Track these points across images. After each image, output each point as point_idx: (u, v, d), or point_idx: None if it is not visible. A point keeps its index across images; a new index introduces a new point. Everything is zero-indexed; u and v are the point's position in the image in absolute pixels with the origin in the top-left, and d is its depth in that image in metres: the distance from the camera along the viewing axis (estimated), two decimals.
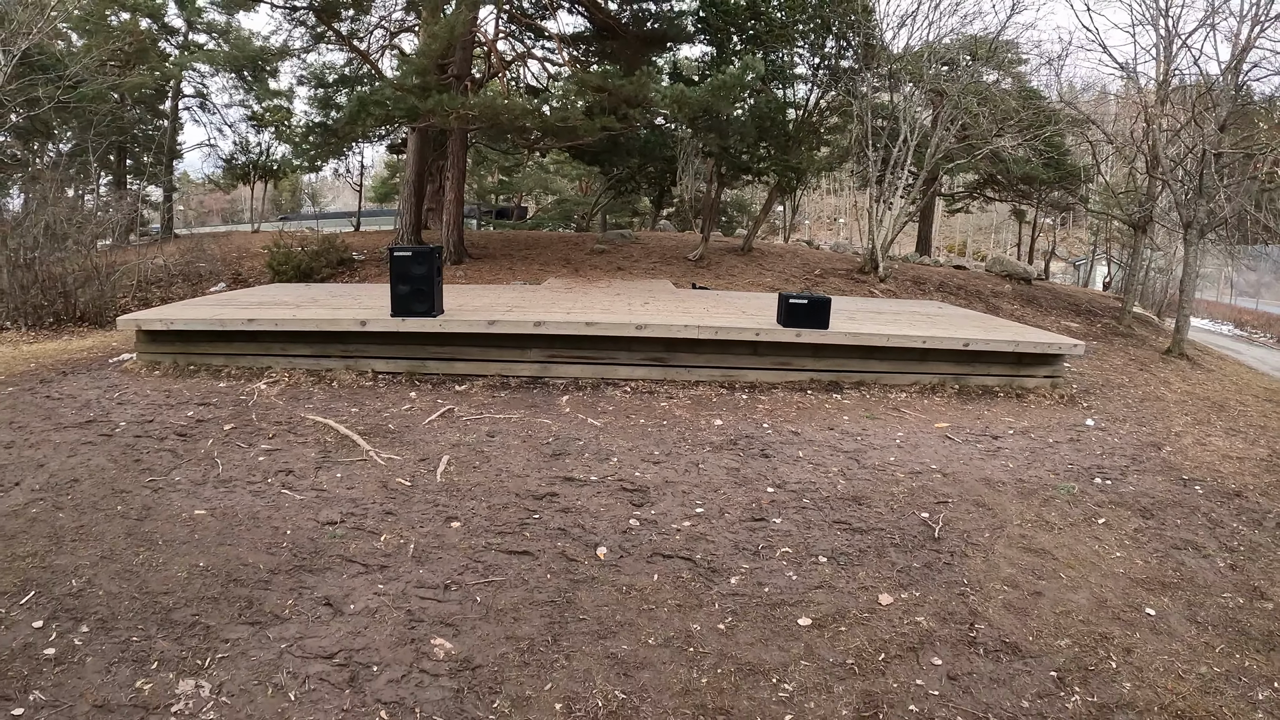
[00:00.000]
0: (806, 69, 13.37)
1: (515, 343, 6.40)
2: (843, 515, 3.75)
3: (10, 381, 6.76)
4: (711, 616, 2.75)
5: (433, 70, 8.40)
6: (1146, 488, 4.81)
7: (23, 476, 4.16)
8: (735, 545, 3.34)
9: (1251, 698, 2.60)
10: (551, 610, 2.75)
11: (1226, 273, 32.12)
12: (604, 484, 4.03)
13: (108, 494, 3.87)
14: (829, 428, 5.33)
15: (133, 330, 7.02)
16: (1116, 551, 3.74)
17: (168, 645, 2.53)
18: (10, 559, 3.19)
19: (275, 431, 4.80)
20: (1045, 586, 3.24)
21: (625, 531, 3.45)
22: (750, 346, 6.42)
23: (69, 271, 10.10)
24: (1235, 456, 5.92)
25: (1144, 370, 10.57)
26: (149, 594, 2.86)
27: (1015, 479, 4.60)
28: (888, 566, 3.24)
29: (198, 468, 4.21)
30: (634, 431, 5.05)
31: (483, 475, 4.08)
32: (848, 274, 12.91)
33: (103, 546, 3.27)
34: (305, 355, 6.41)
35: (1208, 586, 3.48)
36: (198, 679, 2.36)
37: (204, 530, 3.38)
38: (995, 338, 6.87)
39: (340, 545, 3.21)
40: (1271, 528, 4.38)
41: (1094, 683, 2.61)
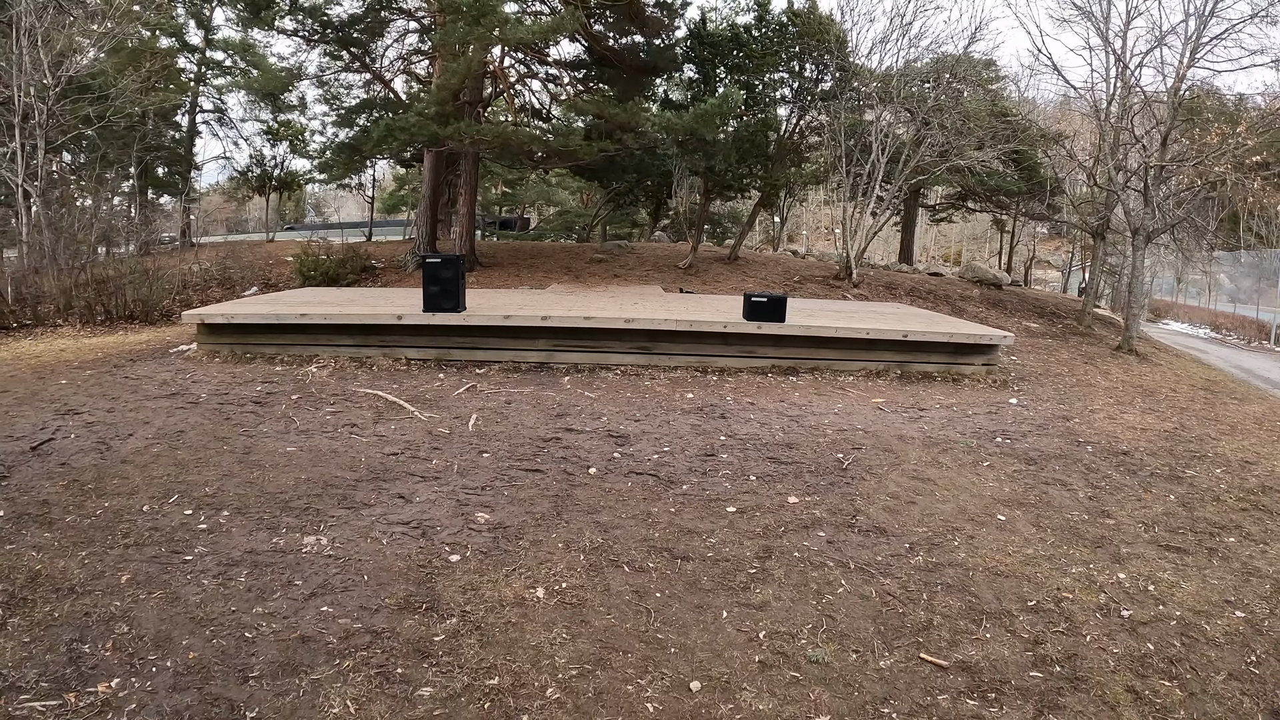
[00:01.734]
0: (788, 91, 14.64)
1: (526, 334, 7.60)
2: (775, 454, 4.93)
3: (87, 366, 7.99)
4: (666, 505, 3.94)
5: (450, 100, 9.65)
6: (1040, 446, 5.96)
7: (135, 430, 5.34)
8: (689, 468, 4.53)
9: (1063, 570, 3.70)
10: (555, 500, 3.94)
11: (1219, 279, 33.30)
12: (596, 433, 5.22)
13: (211, 440, 5.06)
14: (780, 400, 6.51)
15: (194, 324, 8.23)
16: (990, 483, 4.89)
17: (290, 519, 3.71)
18: (150, 479, 4.37)
19: (334, 400, 5.99)
20: (919, 500, 4.41)
21: (610, 459, 4.64)
22: (720, 337, 7.61)
23: (123, 274, 11.33)
24: (1140, 428, 7.03)
25: (1089, 363, 11.66)
26: (268, 494, 4.04)
27: (925, 436, 5.78)
28: (800, 483, 4.42)
29: (278, 423, 5.40)
30: (621, 401, 6.25)
31: (503, 427, 5.28)
32: (824, 280, 14.11)
33: (221, 469, 4.45)
34: (348, 345, 7.61)
35: (1060, 508, 4.62)
36: (316, 535, 3.53)
37: (298, 459, 4.57)
38: (933, 329, 8.06)
39: (403, 466, 4.40)
40: (1144, 476, 5.47)
41: (936, 552, 3.76)
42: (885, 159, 13.67)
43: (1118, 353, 12.99)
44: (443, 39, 8.51)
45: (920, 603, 3.14)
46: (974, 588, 3.33)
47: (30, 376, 7.56)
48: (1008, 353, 10.17)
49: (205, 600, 2.95)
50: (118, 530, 3.62)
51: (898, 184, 14.07)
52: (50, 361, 8.71)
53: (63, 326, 11.96)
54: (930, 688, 2.58)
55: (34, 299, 12.30)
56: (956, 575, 3.43)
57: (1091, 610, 3.28)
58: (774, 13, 13.54)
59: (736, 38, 13.13)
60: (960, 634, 2.93)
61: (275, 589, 3.02)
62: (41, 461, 4.67)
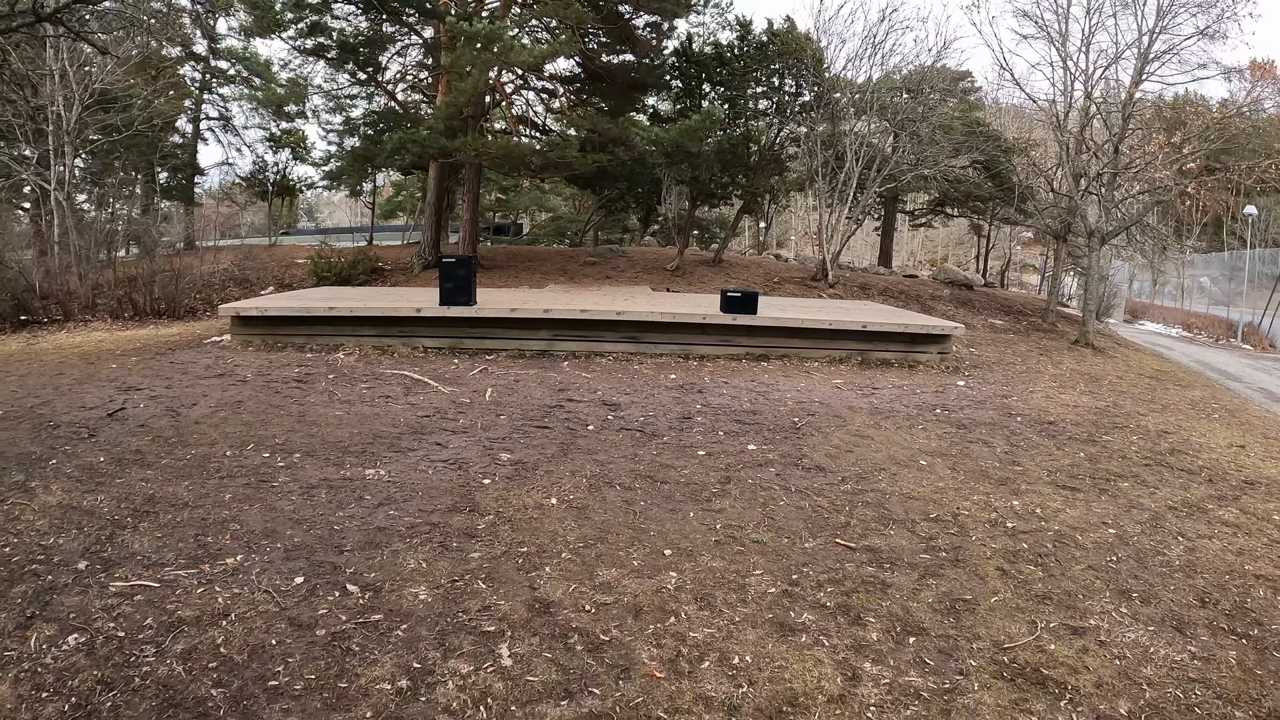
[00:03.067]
0: (768, 104, 15.69)
1: (529, 325, 8.55)
2: (740, 418, 5.91)
3: (130, 354, 8.90)
4: (650, 449, 4.90)
5: (456, 116, 10.62)
6: (974, 416, 6.94)
7: (197, 401, 6.26)
8: (669, 426, 5.50)
9: (966, 497, 4.63)
10: (561, 446, 4.89)
11: (1201, 281, 34.51)
12: (592, 402, 6.19)
13: (268, 407, 5.99)
14: (751, 380, 7.50)
15: (229, 316, 9.15)
16: (920, 440, 5.87)
17: (351, 459, 4.65)
18: (224, 434, 5.29)
19: (366, 378, 6.93)
20: (856, 450, 5.38)
21: (604, 420, 5.60)
22: (700, 328, 8.59)
23: (153, 272, 12.21)
24: (1073, 406, 8.01)
25: (1043, 355, 12.63)
26: (328, 442, 4.98)
27: (872, 407, 6.77)
28: (759, 437, 5.39)
29: (321, 396, 6.33)
30: (614, 380, 7.21)
31: (515, 398, 6.24)
32: (802, 281, 15.14)
33: (284, 427, 5.38)
34: (371, 335, 8.54)
35: (977, 458, 5.58)
36: (375, 469, 4.48)
37: (346, 420, 5.51)
38: (890, 321, 9.06)
39: (435, 424, 5.35)
40: (1062, 439, 6.43)
41: (863, 483, 4.72)
42: (860, 167, 14.73)
43: (1075, 346, 13.97)
44: (453, 63, 9.49)
45: (842, 511, 4.11)
46: (887, 505, 4.30)
47: (79, 362, 8.48)
48: (963, 344, 11.18)
49: (297, 509, 3.88)
50: (209, 468, 4.55)
51: (871, 191, 15.13)
52: (92, 350, 9.63)
53: (93, 321, 12.84)
54: (841, 560, 3.54)
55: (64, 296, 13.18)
56: (875, 497, 4.40)
57: (981, 522, 4.24)
58: (755, 32, 14.59)
59: (720, 56, 14.18)
60: (870, 530, 3.90)
61: (350, 501, 3.96)
62: (120, 425, 5.58)
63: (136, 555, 3.37)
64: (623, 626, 2.77)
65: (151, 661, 2.56)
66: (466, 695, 2.35)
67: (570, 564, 3.27)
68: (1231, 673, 2.87)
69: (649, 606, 2.92)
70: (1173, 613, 3.33)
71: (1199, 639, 3.11)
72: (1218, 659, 2.96)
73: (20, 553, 3.42)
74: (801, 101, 15.09)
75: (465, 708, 2.29)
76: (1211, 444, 6.67)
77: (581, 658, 2.57)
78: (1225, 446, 6.63)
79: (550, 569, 3.21)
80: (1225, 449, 6.51)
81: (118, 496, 4.06)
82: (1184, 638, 3.11)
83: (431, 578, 3.10)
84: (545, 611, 2.86)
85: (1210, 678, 2.82)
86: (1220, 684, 2.78)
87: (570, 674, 2.48)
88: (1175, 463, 5.95)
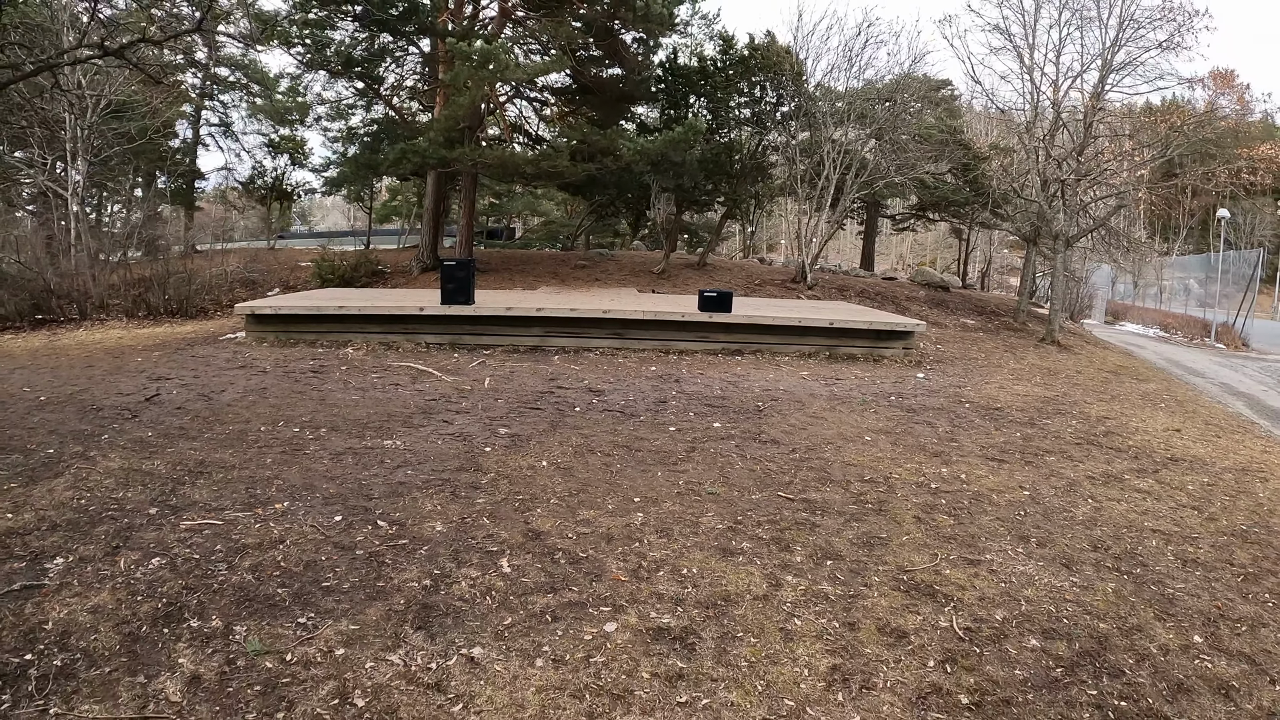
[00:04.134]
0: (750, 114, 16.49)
1: (523, 323, 9.29)
2: (710, 402, 6.67)
3: (151, 349, 9.58)
4: (628, 426, 5.66)
5: (454, 129, 11.36)
6: (925, 402, 7.69)
7: (224, 388, 6.97)
8: (646, 408, 6.25)
9: (900, 465, 5.38)
10: (551, 423, 5.64)
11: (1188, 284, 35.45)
12: (579, 389, 6.93)
13: (290, 393, 6.70)
14: (724, 372, 8.25)
15: (244, 315, 9.85)
16: (869, 421, 6.62)
17: (371, 433, 5.38)
18: (255, 414, 5.99)
19: (375, 370, 7.66)
20: (810, 429, 6.13)
21: (589, 404, 6.35)
22: (679, 325, 9.35)
23: (167, 273, 12.90)
24: (1023, 395, 8.73)
25: (1008, 351, 13.34)
26: (349, 420, 5.70)
27: (831, 394, 7.53)
28: (725, 418, 6.15)
29: (337, 383, 7.05)
30: (599, 371, 7.96)
31: (511, 385, 6.98)
32: (782, 283, 15.92)
33: (307, 408, 6.10)
34: (377, 332, 9.26)
35: (918, 436, 6.32)
36: (392, 440, 5.20)
37: (362, 403, 6.23)
38: (855, 319, 9.84)
39: (441, 406, 6.08)
40: (1003, 422, 7.15)
41: (810, 453, 5.46)
42: (837, 174, 15.54)
43: (1041, 344, 14.72)
44: (452, 80, 10.24)
45: (787, 473, 4.86)
46: (828, 469, 5.06)
47: (105, 356, 9.17)
48: (929, 340, 11.96)
49: (329, 469, 4.61)
50: (247, 439, 5.27)
51: (849, 197, 15.94)
52: (114, 346, 10.31)
53: (108, 320, 13.51)
54: (780, 508, 4.29)
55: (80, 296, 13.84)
56: (819, 463, 5.16)
57: (909, 483, 4.99)
58: (737, 46, 15.40)
59: (703, 69, 14.98)
60: (809, 488, 4.65)
61: (373, 464, 4.69)
62: (159, 408, 6.28)
63: (198, 503, 4.09)
64: (597, 548, 3.52)
65: (225, 574, 3.28)
66: (475, 590, 3.09)
67: (557, 507, 4.01)
68: (1105, 598, 3.54)
69: (619, 535, 3.66)
70: (1065, 554, 4.02)
71: (1083, 573, 3.79)
72: (1096, 588, 3.64)
73: (95, 503, 4.12)
74: (782, 112, 15.90)
75: (475, 597, 3.03)
76: (1148, 428, 7.25)
77: (564, 567, 3.31)
78: (1161, 430, 7.19)
79: (541, 510, 3.95)
80: (1160, 432, 7.07)
81: (172, 462, 4.78)
82: (1069, 572, 3.80)
83: (445, 516, 3.83)
84: (536, 538, 3.60)
85: (1084, 600, 3.50)
86: (1092, 605, 3.45)
87: (555, 577, 3.22)
88: (1106, 442, 6.60)
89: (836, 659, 2.75)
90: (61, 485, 4.36)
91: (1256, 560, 4.08)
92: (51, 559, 3.41)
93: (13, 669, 2.57)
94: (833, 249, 53.60)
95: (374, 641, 2.70)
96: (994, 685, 2.70)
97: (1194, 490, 5.29)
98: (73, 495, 4.21)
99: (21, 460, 4.79)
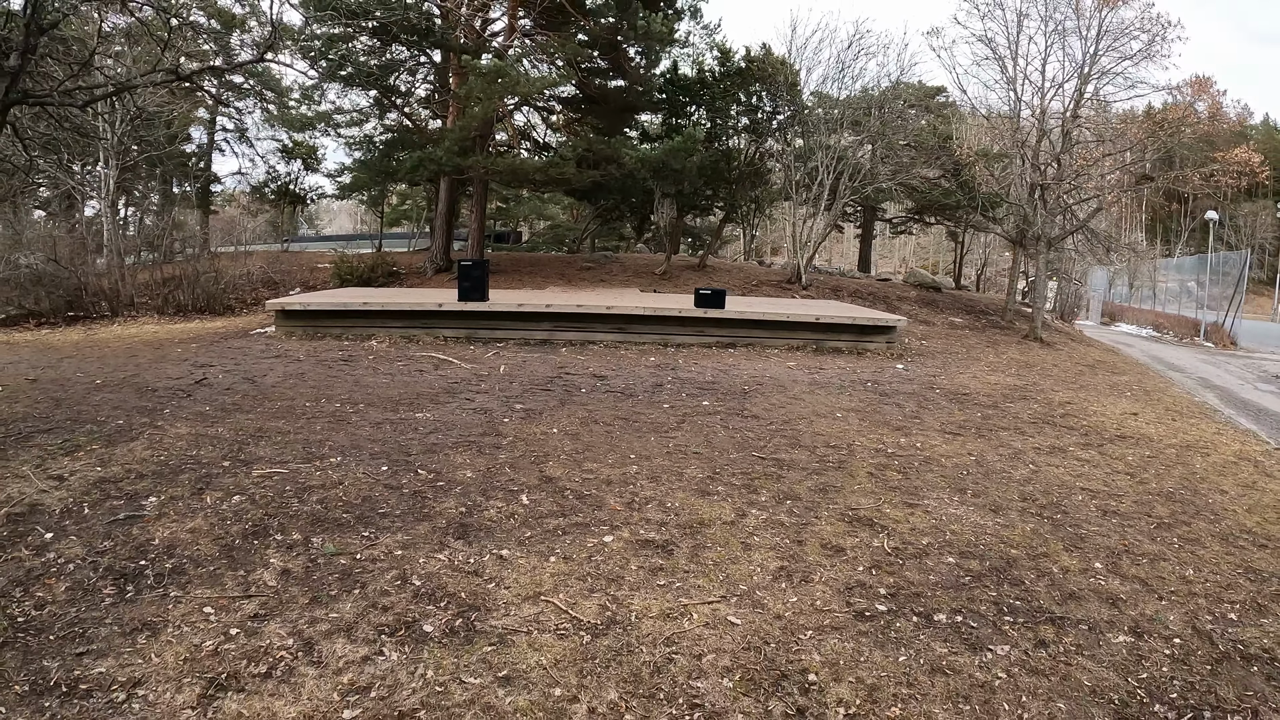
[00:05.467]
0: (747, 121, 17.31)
1: (534, 318, 10.09)
2: (702, 386, 7.45)
3: (188, 341, 10.40)
4: (627, 403, 6.44)
5: (467, 139, 12.20)
6: (899, 388, 8.43)
7: (265, 373, 7.77)
8: (644, 390, 7.04)
9: (864, 435, 6.14)
10: (560, 400, 6.43)
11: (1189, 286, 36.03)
12: (584, 375, 7.73)
13: (326, 377, 7.50)
14: (717, 362, 9.03)
15: (274, 310, 10.67)
16: (843, 402, 7.37)
17: (404, 408, 6.17)
18: (299, 393, 6.78)
19: (401, 359, 8.46)
20: (788, 407, 6.90)
21: (593, 386, 7.14)
22: (677, 321, 10.13)
23: (197, 273, 13.78)
24: (993, 383, 9.43)
25: (991, 347, 13.95)
26: (383, 398, 6.50)
27: (813, 380, 8.29)
28: (714, 398, 6.93)
29: (368, 370, 7.85)
30: (603, 361, 8.75)
31: (523, 372, 7.78)
32: (778, 284, 16.70)
33: (345, 389, 6.89)
34: (398, 326, 10.06)
35: (886, 414, 7.07)
36: (423, 413, 6.00)
37: (392, 385, 7.03)
38: (840, 314, 10.60)
39: (463, 388, 6.88)
40: (967, 405, 7.85)
41: (785, 426, 6.21)
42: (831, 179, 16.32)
43: (1024, 341, 15.38)
44: (467, 94, 11.07)
45: (764, 440, 5.64)
46: (800, 438, 5.83)
47: (145, 348, 9.99)
48: (915, 336, 12.71)
49: (371, 435, 5.40)
50: (295, 412, 6.06)
51: (842, 201, 16.72)
52: (151, 339, 11.16)
53: (139, 317, 14.37)
54: (753, 464, 5.05)
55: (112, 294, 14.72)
56: (791, 433, 5.93)
57: (868, 449, 5.73)
58: (734, 59, 16.21)
59: (703, 80, 15.80)
60: (780, 450, 5.42)
61: (408, 431, 5.48)
62: (209, 389, 7.08)
63: (263, 458, 4.88)
64: (598, 488, 4.30)
65: (297, 505, 4.06)
66: (501, 515, 3.87)
67: (566, 461, 4.79)
68: (1023, 534, 4.21)
69: (616, 480, 4.45)
70: (994, 502, 4.73)
71: (1008, 516, 4.50)
72: (1016, 526, 4.34)
73: (173, 459, 4.91)
74: (778, 120, 16.71)
75: (501, 519, 3.81)
76: (1106, 412, 7.80)
77: (571, 501, 4.09)
78: (1119, 414, 7.72)
79: (552, 463, 4.74)
80: (1117, 415, 7.59)
81: (233, 428, 5.57)
82: (995, 515, 4.52)
83: (474, 467, 4.62)
84: (549, 481, 4.38)
85: (1002, 534, 4.19)
86: (1008, 537, 4.16)
87: (564, 507, 4.00)
88: (1061, 422, 7.23)
89: (784, 563, 3.52)
90: (139, 446, 5.15)
91: (1174, 514, 4.64)
92: (145, 498, 4.19)
93: (131, 570, 3.34)
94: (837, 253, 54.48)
95: (424, 546, 3.48)
96: (909, 584, 3.46)
97: (1133, 461, 5.87)
98: (151, 454, 5.00)
99: (96, 428, 5.57)
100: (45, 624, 2.82)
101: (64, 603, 3.02)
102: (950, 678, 2.71)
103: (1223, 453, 6.31)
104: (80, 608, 2.99)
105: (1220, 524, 4.49)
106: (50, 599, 3.03)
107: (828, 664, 2.71)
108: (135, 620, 2.87)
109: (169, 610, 2.95)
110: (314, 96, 21.25)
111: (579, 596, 3.05)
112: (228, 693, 2.45)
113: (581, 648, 2.69)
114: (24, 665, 2.57)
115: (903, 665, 2.75)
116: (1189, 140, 16.49)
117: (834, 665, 2.70)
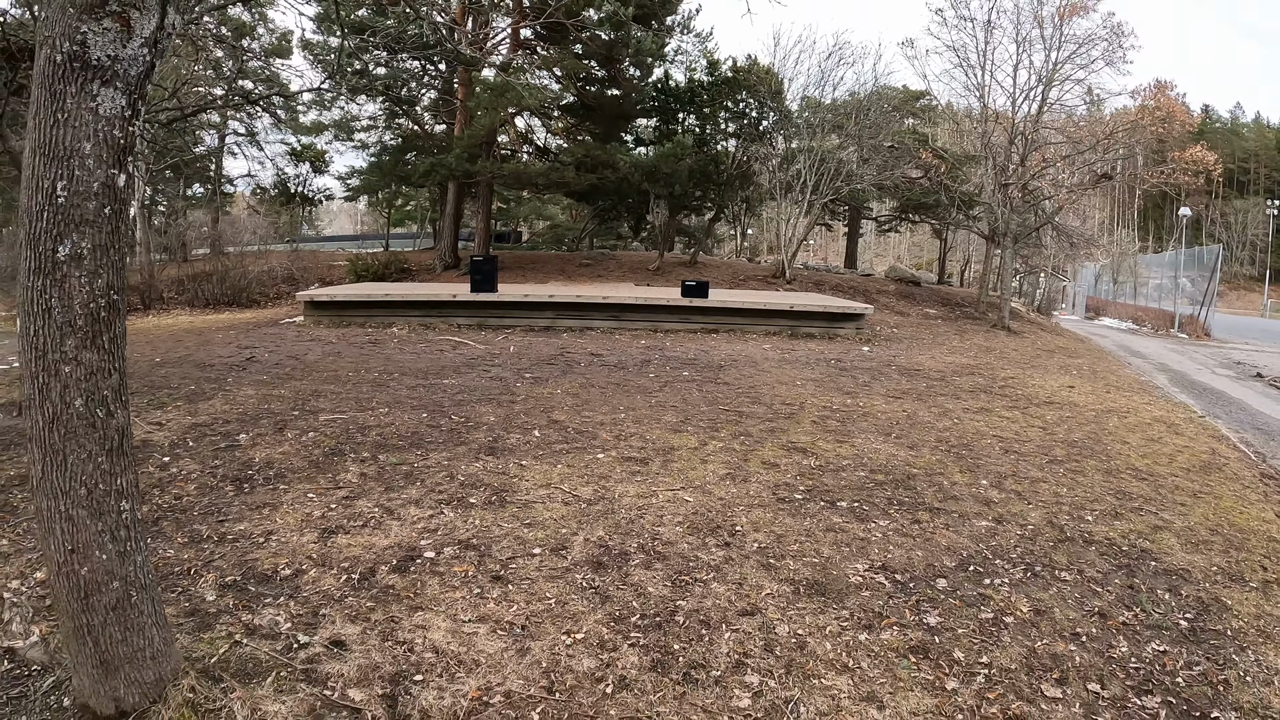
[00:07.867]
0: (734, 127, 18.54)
1: (538, 308, 11.30)
2: (685, 362, 8.67)
3: (227, 329, 11.58)
4: (619, 373, 7.66)
5: (475, 146, 13.42)
6: (859, 365, 9.62)
7: (304, 353, 8.96)
8: (634, 364, 8.26)
9: (816, 398, 7.35)
10: (562, 371, 7.65)
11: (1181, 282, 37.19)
12: (583, 353, 8.94)
13: (359, 355, 8.71)
14: (700, 344, 10.25)
15: (303, 301, 11.87)
16: (805, 374, 8.58)
17: (432, 376, 7.38)
18: (339, 367, 7.98)
19: (421, 341, 9.68)
20: (757, 378, 8.10)
21: (591, 361, 8.36)
22: (666, 309, 11.35)
23: (226, 269, 15.00)
24: (948, 362, 10.58)
25: (959, 335, 15.04)
26: (412, 370, 7.71)
27: (782, 358, 9.50)
28: (693, 370, 8.14)
29: (394, 350, 9.06)
30: (599, 343, 9.97)
31: (530, 351, 9.00)
32: (764, 279, 17.92)
33: (378, 364, 8.10)
34: (416, 315, 11.27)
35: (840, 383, 8.26)
36: (448, 380, 7.21)
37: (418, 362, 8.24)
38: (813, 303, 11.81)
39: (480, 363, 8.10)
40: (916, 378, 9.02)
41: (751, 390, 7.41)
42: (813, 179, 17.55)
43: (992, 329, 16.54)
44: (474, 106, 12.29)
45: (730, 399, 6.85)
46: (760, 398, 7.03)
47: (187, 334, 11.17)
48: (885, 324, 13.92)
49: (409, 395, 6.60)
50: (341, 379, 7.26)
51: (824, 198, 17.96)
52: (190, 327, 12.34)
53: (172, 309, 15.56)
54: (718, 414, 6.26)
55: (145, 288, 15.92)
56: (754, 395, 7.14)
57: (816, 406, 6.93)
58: (722, 69, 17.45)
59: (692, 89, 17.03)
60: (741, 406, 6.63)
61: (438, 392, 6.69)
62: (259, 365, 8.27)
63: (325, 409, 6.08)
64: (594, 427, 5.51)
65: (361, 437, 5.26)
66: (519, 442, 5.08)
67: (568, 411, 6.01)
68: (928, 462, 5.39)
69: (607, 422, 5.66)
70: (912, 441, 5.91)
71: (920, 451, 5.67)
72: (924, 457, 5.50)
73: (250, 410, 6.10)
74: (763, 125, 17.95)
75: (519, 445, 5.02)
76: (1044, 384, 8.81)
77: (572, 435, 5.30)
78: (1056, 387, 8.71)
79: (557, 411, 5.96)
80: (1054, 388, 8.53)
81: (293, 390, 6.77)
82: (910, 450, 5.69)
83: (495, 414, 5.84)
84: (555, 423, 5.60)
85: (910, 460, 5.37)
86: (915, 463, 5.34)
87: (568, 438, 5.22)
88: (998, 391, 8.34)
89: (731, 471, 4.73)
90: (218, 402, 6.34)
91: (1070, 455, 5.62)
92: (237, 435, 5.37)
93: (243, 475, 4.52)
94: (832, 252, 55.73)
95: (464, 459, 4.69)
96: (824, 486, 4.66)
97: (1050, 419, 6.85)
98: (230, 407, 6.19)
99: (173, 392, 6.74)
100: (187, 507, 3.98)
101: (196, 495, 4.19)
102: (838, 534, 3.91)
103: (1141, 416, 7.20)
104: (210, 498, 4.16)
105: (1110, 463, 5.42)
106: (185, 494, 4.19)
107: (751, 524, 3.92)
108: (257, 502, 4.06)
109: (281, 496, 4.14)
110: (325, 102, 22.51)
111: (578, 485, 4.26)
112: (338, 535, 3.64)
113: (579, 510, 3.90)
114: (179, 529, 3.72)
115: (806, 526, 3.95)
116: (1147, 140, 17.75)
117: (755, 524, 3.91)
